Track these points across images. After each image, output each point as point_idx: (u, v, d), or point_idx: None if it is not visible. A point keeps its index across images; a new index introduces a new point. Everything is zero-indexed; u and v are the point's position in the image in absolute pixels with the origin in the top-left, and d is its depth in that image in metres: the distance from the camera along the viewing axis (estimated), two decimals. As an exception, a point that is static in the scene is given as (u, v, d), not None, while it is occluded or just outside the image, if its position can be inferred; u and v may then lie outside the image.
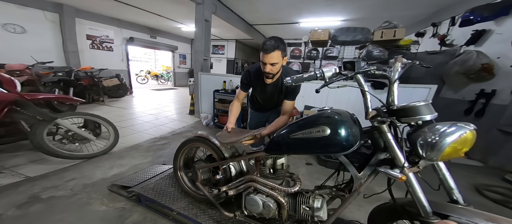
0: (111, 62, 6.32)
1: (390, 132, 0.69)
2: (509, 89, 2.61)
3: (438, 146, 0.57)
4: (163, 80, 10.52)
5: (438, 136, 0.58)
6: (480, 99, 2.98)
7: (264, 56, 1.16)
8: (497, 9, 2.81)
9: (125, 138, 2.79)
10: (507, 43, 2.66)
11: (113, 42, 6.40)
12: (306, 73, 0.79)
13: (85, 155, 2.09)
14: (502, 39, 2.78)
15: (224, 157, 1.25)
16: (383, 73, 0.68)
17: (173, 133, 3.23)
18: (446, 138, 0.56)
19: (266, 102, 1.57)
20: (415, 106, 0.63)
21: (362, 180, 0.82)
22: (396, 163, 0.69)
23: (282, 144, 0.97)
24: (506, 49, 2.69)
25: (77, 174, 1.82)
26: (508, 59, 2.68)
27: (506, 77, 2.69)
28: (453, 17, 3.67)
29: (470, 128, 0.56)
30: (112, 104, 4.81)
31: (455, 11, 3.64)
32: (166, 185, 1.58)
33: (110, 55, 6.35)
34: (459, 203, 0.66)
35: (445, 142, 0.56)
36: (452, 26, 3.71)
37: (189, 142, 1.38)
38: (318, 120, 0.84)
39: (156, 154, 2.42)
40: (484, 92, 2.94)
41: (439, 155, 0.58)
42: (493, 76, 2.84)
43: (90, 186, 1.67)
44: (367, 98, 0.74)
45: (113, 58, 6.43)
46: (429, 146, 0.59)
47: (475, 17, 2.98)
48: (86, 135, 2.15)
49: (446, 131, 0.57)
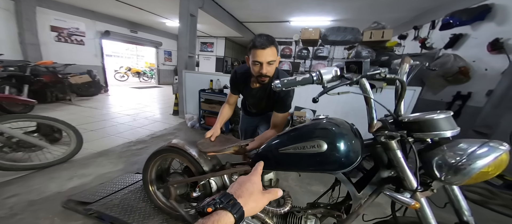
0: (82, 57, 5.68)
1: (399, 149, 0.57)
2: (484, 92, 2.75)
3: (466, 170, 0.46)
4: (146, 78, 9.87)
5: (465, 158, 0.47)
6: (457, 101, 3.13)
7: (259, 53, 0.97)
8: (474, 14, 2.94)
9: (93, 143, 2.45)
10: (482, 47, 2.80)
11: (85, 35, 5.76)
12: (300, 76, 0.64)
13: (34, 165, 1.75)
14: (477, 43, 2.93)
15: (203, 171, 1.06)
16: (396, 77, 0.56)
17: (153, 136, 2.94)
18: (476, 161, 0.45)
19: (255, 107, 1.41)
20: (432, 119, 0.51)
21: (362, 200, 0.70)
22: (406, 185, 0.58)
23: (270, 159, 0.82)
24: (481, 53, 2.82)
25: (22, 189, 1.51)
26: (483, 63, 2.82)
27: (481, 80, 2.82)
28: (433, 21, 3.82)
29: (505, 149, 0.45)
30: (81, 104, 4.29)
31: (435, 15, 3.79)
32: (136, 200, 1.36)
33: (80, 49, 5.70)
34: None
35: (475, 166, 0.45)
36: (432, 30, 3.87)
37: (161, 152, 1.17)
38: (313, 132, 0.70)
39: (130, 160, 2.14)
40: (460, 94, 3.09)
41: (464, 180, 0.48)
42: (469, 79, 2.99)
43: (38, 203, 1.37)
44: (372, 106, 0.61)
45: (84, 52, 5.79)
46: (452, 169, 0.48)
47: (454, 21, 3.10)
48: (36, 142, 1.80)
49: (477, 153, 0.46)
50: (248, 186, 0.38)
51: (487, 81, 2.72)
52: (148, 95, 6.25)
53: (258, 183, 0.40)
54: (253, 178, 0.40)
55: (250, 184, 0.38)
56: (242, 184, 0.38)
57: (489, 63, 2.76)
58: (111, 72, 9.15)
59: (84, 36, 5.75)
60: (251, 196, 0.36)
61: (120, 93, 6.23)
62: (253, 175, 0.41)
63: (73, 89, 4.38)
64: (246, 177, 0.41)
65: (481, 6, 2.92)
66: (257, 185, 0.39)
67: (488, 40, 2.69)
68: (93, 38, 6.03)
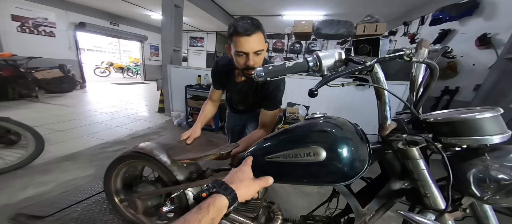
0: (53, 50, 5.12)
1: (422, 158, 0.43)
2: (471, 86, 2.77)
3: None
4: (131, 74, 9.30)
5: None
6: (445, 96, 3.15)
7: (244, 41, 0.76)
8: (463, 10, 2.94)
9: (59, 146, 2.15)
10: (470, 43, 2.81)
11: (55, 27, 5.19)
12: (290, 62, 0.47)
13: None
14: (465, 38, 2.94)
15: (177, 181, 0.88)
16: (426, 60, 0.41)
17: (134, 136, 2.68)
18: None
19: (241, 103, 1.24)
20: (474, 119, 0.36)
21: (366, 217, 0.57)
22: (428, 204, 0.44)
23: (255, 168, 0.65)
24: (469, 48, 2.84)
25: None
26: (471, 58, 2.84)
27: (469, 75, 2.85)
28: (422, 17, 3.83)
29: None
30: (51, 101, 3.85)
31: (424, 10, 3.79)
32: (101, 211, 1.17)
33: (50, 41, 5.12)
34: None
35: None
36: (421, 25, 3.88)
37: (124, 159, 0.98)
38: (309, 136, 0.55)
39: (103, 164, 1.89)
40: (448, 89, 3.12)
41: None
42: (457, 74, 3.02)
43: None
44: (385, 102, 0.46)
45: (55, 45, 5.21)
46: (503, 189, 0.35)
47: (444, 16, 3.09)
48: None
49: None
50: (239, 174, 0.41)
51: (474, 75, 2.74)
52: (132, 92, 5.84)
53: (248, 171, 0.43)
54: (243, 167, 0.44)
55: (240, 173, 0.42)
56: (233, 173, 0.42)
57: (476, 58, 2.77)
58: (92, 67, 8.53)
59: (55, 28, 5.19)
60: (242, 182, 0.39)
61: (99, 89, 5.76)
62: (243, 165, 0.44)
63: (41, 84, 3.92)
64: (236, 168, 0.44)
65: (469, 1, 2.92)
66: (247, 173, 0.43)
67: (476, 35, 2.70)
68: (66, 30, 5.46)
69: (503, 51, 2.35)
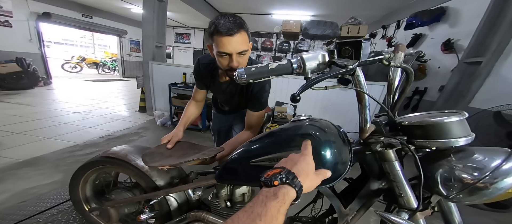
0: (8, 42, 4.49)
1: (398, 160, 0.45)
2: (437, 87, 3.07)
3: (489, 191, 0.36)
4: (107, 70, 8.57)
5: (489, 174, 0.36)
6: (415, 96, 3.45)
7: (227, 41, 0.71)
8: (432, 16, 3.22)
9: (15, 150, 1.90)
10: (437, 47, 3.09)
11: (12, 16, 4.54)
12: (274, 63, 0.45)
13: None
14: (433, 43, 3.23)
15: (156, 186, 0.83)
16: (403, 65, 0.42)
17: (109, 137, 2.47)
18: (504, 179, 0.35)
19: (226, 103, 1.20)
20: (443, 123, 0.39)
21: (348, 217, 0.59)
22: (402, 203, 0.47)
23: (239, 173, 0.64)
24: (436, 52, 3.12)
25: None
26: (437, 61, 3.13)
27: (435, 76, 3.14)
28: (398, 21, 4.11)
29: None
30: (6, 99, 3.38)
31: (401, 15, 4.07)
32: (68, 221, 1.07)
33: (5, 32, 4.48)
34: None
35: (502, 186, 0.35)
36: (397, 29, 4.16)
37: (92, 165, 0.88)
38: (293, 139, 0.54)
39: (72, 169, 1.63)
40: (418, 89, 3.41)
41: (484, 200, 0.38)
42: (426, 75, 3.31)
43: None
44: (365, 105, 0.47)
45: (11, 36, 4.58)
46: (467, 187, 0.38)
47: (416, 21, 3.36)
48: None
49: (504, 168, 0.35)
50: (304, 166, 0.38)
51: (440, 77, 3.04)
52: (108, 89, 5.39)
53: (312, 163, 0.40)
54: (307, 158, 0.40)
55: (305, 164, 0.39)
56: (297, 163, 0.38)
57: (441, 61, 3.07)
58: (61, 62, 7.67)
59: (11, 17, 4.53)
60: (307, 176, 0.37)
61: (68, 86, 5.20)
62: (306, 155, 0.41)
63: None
64: (299, 156, 0.40)
65: (438, 8, 3.21)
66: (311, 166, 0.40)
67: (442, 40, 2.98)
68: (26, 20, 4.82)
69: (463, 55, 2.63)
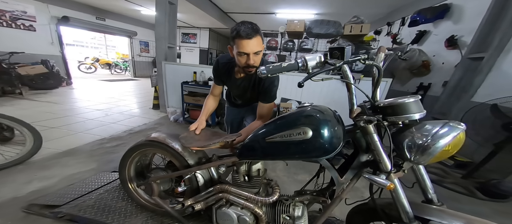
0: (33, 45, 4.87)
1: (376, 133, 0.62)
2: (440, 83, 3.13)
3: (430, 150, 0.52)
4: (119, 70, 8.98)
5: (430, 138, 0.52)
6: (420, 91, 3.50)
7: (246, 43, 0.91)
8: (436, 13, 3.27)
9: (55, 142, 2.17)
10: (441, 43, 3.14)
11: (35, 20, 4.92)
12: (285, 62, 0.64)
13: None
14: (437, 39, 3.28)
15: (188, 165, 1.03)
16: (373, 63, 0.59)
17: (131, 132, 2.72)
18: (439, 141, 0.51)
19: (239, 97, 1.38)
20: (404, 103, 0.56)
21: (344, 185, 0.75)
22: (381, 167, 0.63)
23: (257, 149, 0.82)
24: (440, 49, 3.18)
25: None
26: (441, 57, 3.19)
27: (439, 72, 3.20)
28: (403, 18, 4.15)
29: (462, 128, 0.52)
30: (37, 98, 3.73)
31: (405, 12, 4.11)
32: (114, 199, 1.26)
33: (31, 36, 4.87)
34: (434, 202, 0.65)
35: (438, 145, 0.51)
36: (402, 26, 4.20)
37: (139, 147, 1.09)
38: (299, 120, 0.72)
39: (104, 159, 1.96)
40: (422, 85, 3.47)
41: (429, 159, 0.54)
42: (429, 71, 3.36)
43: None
44: (352, 93, 0.64)
45: (36, 40, 4.96)
46: (419, 149, 0.54)
47: (420, 18, 3.41)
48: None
49: (439, 133, 0.52)
50: None
51: (443, 73, 3.09)
52: (122, 89, 5.72)
53: None
54: None
55: None
56: None
57: (445, 57, 3.12)
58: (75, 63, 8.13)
59: (35, 21, 4.92)
60: None
61: (87, 86, 5.58)
62: None
63: (24, 81, 3.76)
64: None
65: (442, 5, 3.25)
66: None
67: (446, 36, 3.03)
68: (48, 24, 5.20)
69: (466, 51, 2.69)
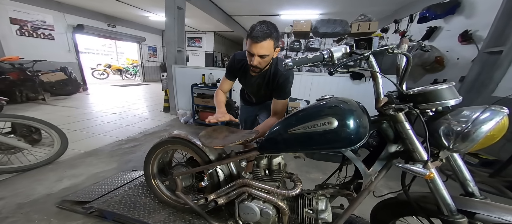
0: (52, 52, 5.16)
1: (407, 121, 0.62)
2: (457, 78, 3.03)
3: (472, 136, 0.50)
4: (129, 75, 9.29)
5: (470, 124, 0.51)
6: (434, 87, 3.39)
7: (253, 45, 0.94)
8: (446, 8, 3.20)
9: (78, 143, 2.29)
10: (454, 39, 3.06)
11: (54, 29, 5.22)
12: (310, 54, 0.66)
13: (15, 168, 1.61)
14: (450, 35, 3.20)
15: (209, 160, 1.05)
16: (402, 52, 0.60)
17: (145, 133, 2.81)
18: (482, 126, 0.49)
19: (253, 95, 1.40)
20: (437, 89, 0.55)
21: (372, 176, 0.74)
22: (415, 157, 0.62)
23: (279, 142, 0.83)
24: (453, 44, 3.10)
25: (7, 193, 1.39)
26: (455, 53, 3.10)
27: (454, 68, 3.11)
28: (411, 15, 4.08)
29: (505, 112, 0.50)
30: (58, 103, 3.93)
31: (413, 9, 4.04)
32: (138, 196, 1.31)
33: (50, 44, 5.17)
34: (476, 196, 0.61)
35: (481, 131, 0.49)
36: (410, 23, 4.13)
37: (162, 144, 1.13)
38: (323, 110, 0.72)
39: (123, 159, 2.04)
40: (437, 81, 3.37)
41: (471, 146, 0.52)
42: (444, 67, 3.26)
43: (28, 206, 1.28)
44: (378, 82, 0.65)
45: (54, 48, 5.26)
46: (459, 136, 0.52)
47: (430, 15, 3.34)
48: (15, 143, 1.65)
49: (481, 118, 0.50)
50: None
51: (459, 68, 3.00)
52: (134, 93, 5.92)
53: None
54: None
55: None
56: None
57: (460, 53, 3.04)
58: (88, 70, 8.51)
59: (53, 30, 5.22)
60: None
61: (101, 91, 5.82)
62: None
63: (46, 87, 3.99)
64: None
65: (452, 0, 3.18)
66: None
67: (459, 31, 2.96)
68: (65, 32, 5.50)
69: (483, 45, 2.60)
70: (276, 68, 1.11)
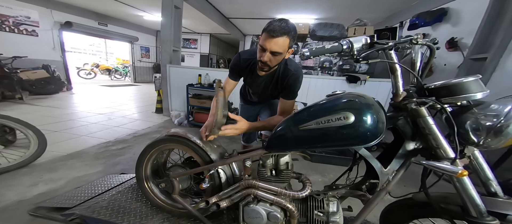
0: (35, 50, 4.83)
1: (430, 115, 0.59)
2: (444, 84, 3.16)
3: (506, 131, 0.46)
4: (119, 75, 8.91)
5: (503, 118, 0.47)
6: (423, 92, 3.53)
7: (268, 39, 0.87)
8: (434, 16, 3.38)
9: (59, 145, 2.09)
10: (441, 46, 3.22)
11: (39, 26, 4.91)
12: (329, 44, 0.62)
13: None
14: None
15: (210, 160, 0.97)
16: (427, 42, 0.57)
17: (135, 135, 2.65)
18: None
19: (257, 95, 1.33)
20: (462, 82, 0.53)
21: (389, 176, 0.70)
22: (439, 154, 0.58)
23: (288, 139, 0.77)
24: (440, 51, 3.23)
25: None
26: (442, 59, 3.26)
27: (441, 73, 3.26)
28: (401, 22, 4.28)
29: None
30: (37, 103, 3.64)
31: (403, 16, 4.24)
32: (127, 200, 1.19)
33: (33, 40, 4.84)
34: (499, 196, 0.57)
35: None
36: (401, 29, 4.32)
37: (158, 143, 1.03)
38: (338, 105, 0.68)
39: (110, 161, 1.88)
40: (426, 86, 3.51)
41: (505, 142, 0.49)
42: (432, 73, 3.42)
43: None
44: (397, 75, 0.62)
45: (38, 45, 4.93)
46: (491, 132, 0.49)
47: (419, 22, 3.51)
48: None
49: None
50: None
51: (446, 74, 3.15)
52: (123, 93, 5.65)
53: None
54: None
55: None
56: None
57: (447, 59, 3.19)
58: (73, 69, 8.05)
59: (38, 27, 4.90)
60: None
61: (87, 91, 5.50)
62: None
63: (25, 86, 3.68)
64: None
65: (439, 9, 3.37)
66: None
67: (446, 39, 3.12)
68: (50, 29, 5.19)
69: (468, 52, 2.75)
70: (285, 68, 1.06)
